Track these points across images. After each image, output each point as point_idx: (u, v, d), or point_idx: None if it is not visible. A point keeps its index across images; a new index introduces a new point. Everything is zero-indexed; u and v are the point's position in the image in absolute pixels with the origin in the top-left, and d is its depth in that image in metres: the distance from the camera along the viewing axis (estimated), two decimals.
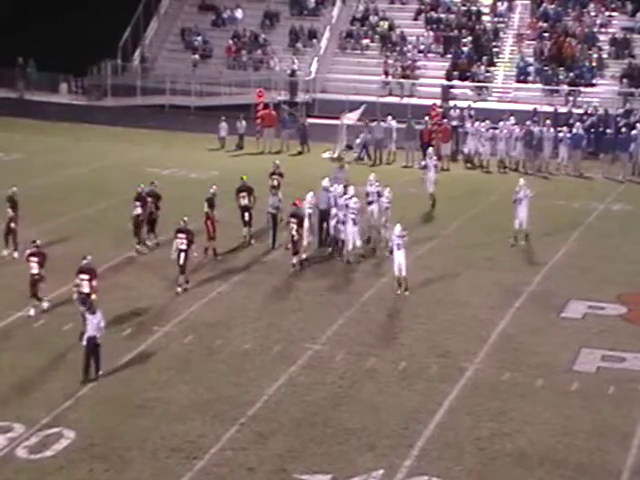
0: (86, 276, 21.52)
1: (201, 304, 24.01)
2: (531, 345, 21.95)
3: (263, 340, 21.82)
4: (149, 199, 27.67)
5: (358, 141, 41.49)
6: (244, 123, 43.38)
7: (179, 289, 24.53)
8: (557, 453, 17.28)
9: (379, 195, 28.53)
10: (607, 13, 54.11)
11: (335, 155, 41.45)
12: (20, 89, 54.86)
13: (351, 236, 27.02)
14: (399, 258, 24.74)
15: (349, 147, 41.95)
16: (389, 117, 42.17)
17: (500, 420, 18.40)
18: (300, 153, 42.73)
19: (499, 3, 55.67)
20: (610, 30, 53.24)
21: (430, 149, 37.00)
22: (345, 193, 27.77)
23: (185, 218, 24.72)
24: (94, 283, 21.51)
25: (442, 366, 20.71)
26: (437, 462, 16.85)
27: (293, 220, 26.22)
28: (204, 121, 44.94)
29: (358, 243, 27.20)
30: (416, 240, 29.17)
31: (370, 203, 28.47)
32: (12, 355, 20.78)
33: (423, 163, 36.94)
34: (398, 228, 24.97)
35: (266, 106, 44.62)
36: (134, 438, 17.38)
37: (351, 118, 43.02)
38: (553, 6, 54.52)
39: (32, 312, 22.86)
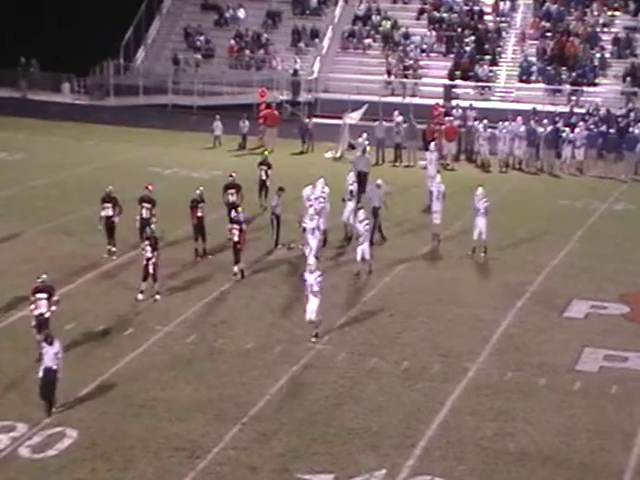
0: (43, 295, 20.20)
1: (203, 303, 24.00)
2: (533, 345, 21.95)
3: (265, 339, 21.82)
4: (146, 204, 27.17)
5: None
6: (247, 123, 43.39)
7: (140, 296, 23.80)
8: (560, 453, 17.28)
9: (351, 194, 28.70)
10: (609, 12, 54.09)
11: (338, 155, 41.48)
12: (23, 89, 54.89)
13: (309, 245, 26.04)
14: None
15: (351, 146, 41.95)
16: (395, 112, 42.16)
17: (502, 420, 18.40)
18: (302, 152, 42.73)
19: (501, 3, 55.64)
20: (613, 30, 53.23)
21: (432, 144, 37.11)
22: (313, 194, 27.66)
23: (152, 226, 24.46)
24: (53, 304, 20.28)
25: (444, 366, 20.71)
26: (440, 462, 16.85)
27: (235, 227, 25.32)
28: (207, 121, 44.91)
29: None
30: (418, 240, 29.25)
31: (344, 200, 28.62)
32: (14, 355, 20.76)
33: (423, 163, 36.98)
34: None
35: (268, 106, 44.63)
36: (137, 437, 17.40)
37: (353, 118, 43.03)
38: (555, 5, 54.47)
39: None
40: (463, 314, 23.66)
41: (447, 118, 42.50)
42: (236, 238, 25.28)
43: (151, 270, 23.75)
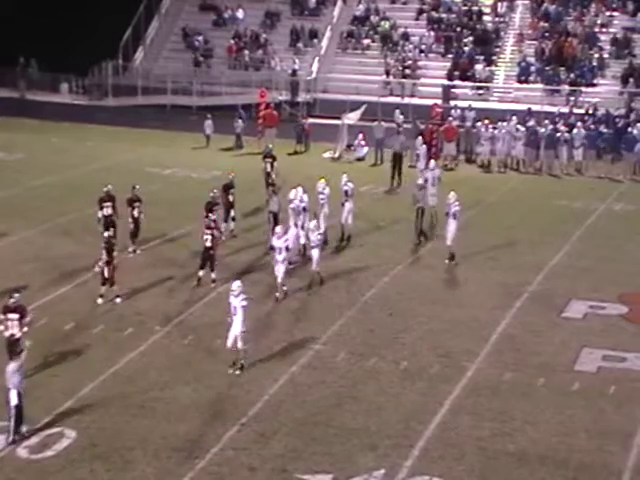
0: (15, 315, 19.18)
1: (201, 304, 23.99)
2: (532, 345, 21.96)
3: (264, 340, 21.81)
4: (137, 204, 27.18)
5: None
6: (241, 122, 43.41)
7: (100, 300, 23.47)
8: (558, 453, 17.29)
9: (347, 194, 28.67)
10: (608, 13, 54.09)
11: (336, 155, 41.50)
12: (21, 89, 54.89)
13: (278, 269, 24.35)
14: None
15: (350, 147, 41.99)
16: (397, 111, 42.20)
17: (501, 420, 18.40)
18: (296, 152, 42.68)
19: (500, 3, 55.65)
20: (611, 30, 53.22)
21: (419, 138, 37.46)
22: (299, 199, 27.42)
23: (110, 230, 24.09)
24: (25, 325, 19.33)
25: (443, 366, 20.71)
26: (438, 462, 16.86)
27: (208, 232, 24.83)
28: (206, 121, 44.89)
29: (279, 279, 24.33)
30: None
31: (343, 204, 28.62)
32: None
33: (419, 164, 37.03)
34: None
35: (267, 106, 44.64)
36: (135, 438, 17.39)
37: (352, 118, 43.07)
38: (554, 6, 54.50)
39: None
40: (462, 314, 23.67)
41: (449, 118, 42.51)
42: (209, 244, 24.84)
43: (106, 274, 23.40)
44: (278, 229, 24.66)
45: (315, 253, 25.27)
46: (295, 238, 26.60)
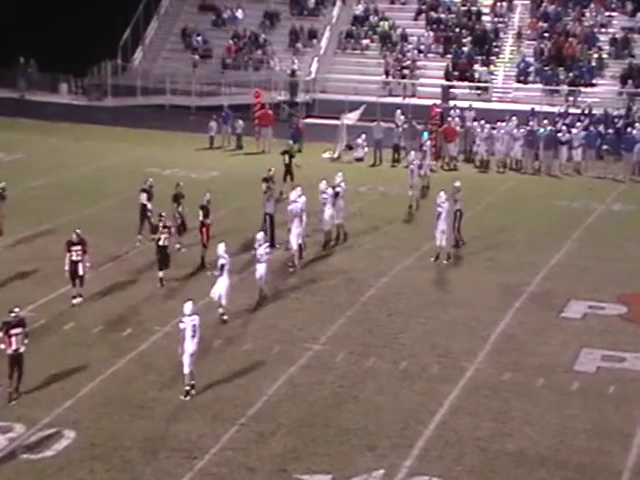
0: (19, 330, 18.79)
1: (201, 304, 23.90)
2: (531, 345, 21.97)
3: (263, 340, 21.83)
4: (182, 200, 27.82)
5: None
6: (241, 123, 43.41)
7: (75, 301, 23.36)
8: (558, 453, 17.29)
9: (336, 195, 28.58)
10: (607, 13, 54.09)
11: (335, 155, 41.49)
12: (21, 89, 54.89)
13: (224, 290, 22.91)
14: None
15: (349, 147, 41.98)
16: (398, 111, 42.27)
17: (501, 420, 18.41)
18: (299, 151, 42.61)
19: (499, 3, 55.65)
20: (610, 30, 53.23)
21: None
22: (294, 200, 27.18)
23: (78, 230, 23.85)
24: (24, 337, 18.93)
25: (443, 366, 20.72)
26: (438, 462, 16.86)
27: (164, 231, 24.66)
28: (205, 121, 44.90)
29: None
30: (416, 240, 29.26)
31: (335, 203, 28.61)
32: None
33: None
34: (222, 248, 22.68)
35: (262, 106, 44.61)
36: (134, 438, 17.39)
37: (351, 118, 43.06)
38: (553, 6, 54.50)
39: None
40: (461, 314, 23.68)
41: (449, 119, 42.51)
42: (161, 243, 24.60)
43: (81, 272, 23.27)
44: (221, 248, 22.82)
45: (261, 268, 23.92)
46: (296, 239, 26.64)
